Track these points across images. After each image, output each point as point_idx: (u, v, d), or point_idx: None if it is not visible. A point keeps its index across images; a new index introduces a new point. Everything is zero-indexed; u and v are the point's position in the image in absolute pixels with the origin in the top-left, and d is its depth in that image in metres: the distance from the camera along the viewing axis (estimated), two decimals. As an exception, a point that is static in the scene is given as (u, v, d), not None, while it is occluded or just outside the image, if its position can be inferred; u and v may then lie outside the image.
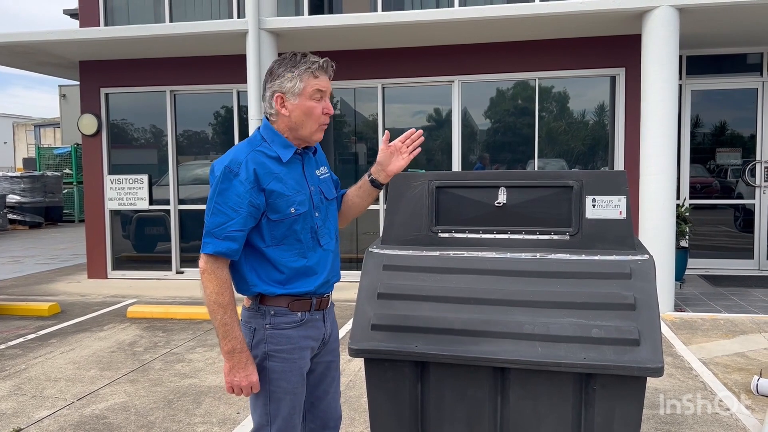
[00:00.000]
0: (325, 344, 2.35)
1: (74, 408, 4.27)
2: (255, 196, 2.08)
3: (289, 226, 2.14)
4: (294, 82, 2.13)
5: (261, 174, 2.09)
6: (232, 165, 2.09)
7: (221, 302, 2.06)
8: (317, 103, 2.15)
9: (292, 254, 2.16)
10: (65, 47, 8.43)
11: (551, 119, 8.46)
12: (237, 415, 4.11)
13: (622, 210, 2.69)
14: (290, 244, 2.16)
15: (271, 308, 2.17)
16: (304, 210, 2.17)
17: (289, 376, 2.19)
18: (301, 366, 2.22)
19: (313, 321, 2.24)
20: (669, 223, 6.70)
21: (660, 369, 2.26)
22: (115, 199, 9.26)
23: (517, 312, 2.46)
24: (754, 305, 6.84)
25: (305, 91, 2.13)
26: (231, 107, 9.02)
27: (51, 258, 11.63)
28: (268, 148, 2.16)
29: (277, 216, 2.12)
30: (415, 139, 2.40)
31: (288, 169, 2.17)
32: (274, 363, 2.17)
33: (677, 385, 4.49)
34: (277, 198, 2.11)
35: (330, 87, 2.19)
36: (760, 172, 8.67)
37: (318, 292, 2.23)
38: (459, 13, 7.20)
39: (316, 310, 2.25)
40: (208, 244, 2.07)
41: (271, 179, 2.11)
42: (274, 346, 2.17)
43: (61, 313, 7.13)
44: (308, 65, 2.13)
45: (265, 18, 7.46)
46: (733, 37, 7.96)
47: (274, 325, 2.17)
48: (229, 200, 2.06)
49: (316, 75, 2.14)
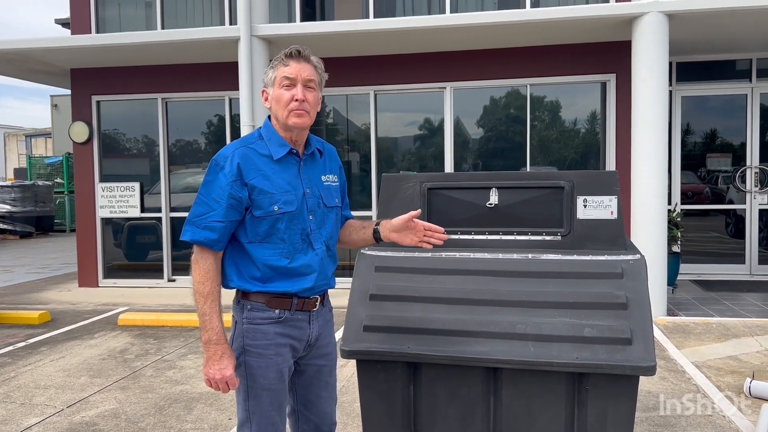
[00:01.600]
0: (311, 346, 2.30)
1: (64, 415, 4.23)
2: (237, 189, 2.10)
3: (272, 224, 2.14)
4: (269, 74, 2.20)
5: (245, 169, 2.12)
6: (219, 158, 2.15)
7: (201, 291, 2.10)
8: (286, 90, 2.15)
9: (275, 253, 2.16)
10: (57, 54, 8.41)
11: (543, 127, 8.49)
12: (229, 420, 4.08)
13: (613, 210, 2.69)
14: (273, 243, 2.16)
15: (248, 303, 2.19)
16: (290, 210, 2.16)
17: (265, 372, 2.17)
18: (279, 363, 2.19)
19: (295, 321, 2.21)
20: (661, 228, 6.72)
21: (652, 368, 2.26)
22: (106, 207, 9.21)
23: (509, 312, 2.46)
24: (746, 309, 6.86)
25: (275, 80, 2.17)
26: (223, 115, 9.01)
27: (41, 267, 11.54)
28: (262, 146, 2.19)
29: (259, 212, 2.13)
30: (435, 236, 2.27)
31: (280, 168, 2.18)
32: (250, 358, 2.17)
33: (670, 388, 4.49)
34: (259, 194, 2.12)
35: (304, 74, 2.15)
36: (750, 177, 8.72)
37: (301, 295, 2.21)
38: (450, 20, 7.23)
39: (299, 310, 2.22)
40: (187, 232, 2.13)
41: (256, 175, 2.13)
42: (249, 340, 2.18)
43: (51, 321, 7.06)
44: (279, 56, 2.18)
45: (256, 25, 7.47)
46: (722, 43, 8.03)
47: (250, 319, 2.18)
48: (212, 192, 2.12)
49: (286, 63, 2.16)
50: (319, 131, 8.91)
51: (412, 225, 2.27)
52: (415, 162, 8.83)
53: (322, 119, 8.97)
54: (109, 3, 9.26)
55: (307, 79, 2.16)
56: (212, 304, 2.10)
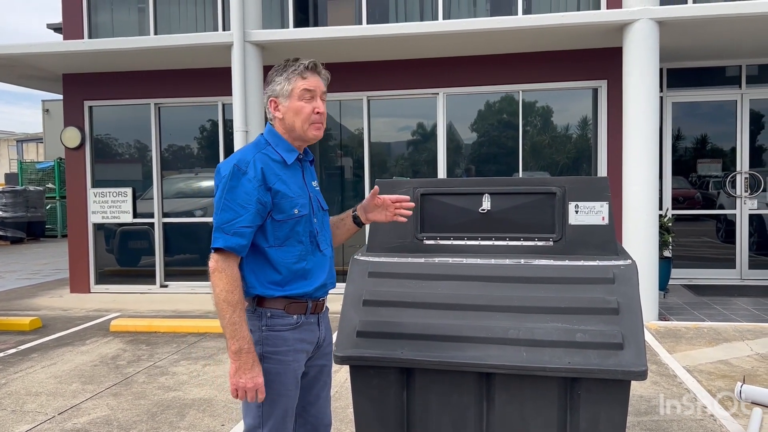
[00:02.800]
0: (319, 348, 2.35)
1: (55, 422, 4.20)
2: (263, 194, 2.14)
3: (292, 227, 2.19)
4: (283, 85, 2.21)
5: (268, 174, 2.16)
6: (241, 164, 2.15)
7: (231, 300, 2.07)
8: (307, 103, 2.20)
9: (293, 256, 2.20)
10: (49, 60, 8.39)
11: (535, 132, 8.53)
12: (221, 427, 4.07)
13: (604, 216, 2.71)
14: (292, 245, 2.20)
15: (267, 310, 2.19)
16: (306, 212, 2.23)
17: (283, 378, 2.19)
18: (296, 369, 2.22)
19: (309, 324, 2.26)
20: (652, 233, 6.76)
21: (644, 372, 2.27)
22: (98, 212, 9.18)
23: (501, 317, 2.47)
24: (737, 314, 6.90)
25: (294, 92, 2.20)
26: (216, 120, 9.00)
27: (33, 273, 11.48)
28: (272, 152, 2.23)
29: (281, 216, 2.17)
30: (404, 206, 2.45)
31: (291, 173, 2.25)
32: (269, 365, 2.17)
33: (662, 392, 4.51)
34: (282, 198, 2.17)
35: (321, 86, 2.24)
36: (740, 183, 8.79)
37: (314, 296, 2.26)
38: (443, 26, 7.27)
39: (312, 313, 2.27)
40: (218, 239, 2.10)
41: (276, 180, 2.18)
42: (269, 347, 2.18)
43: (42, 327, 7.03)
44: (296, 67, 2.20)
45: (250, 30, 7.48)
46: (712, 50, 8.11)
47: (271, 326, 2.19)
48: (238, 197, 2.12)
49: (304, 76, 2.20)
50: (312, 137, 8.90)
51: (380, 202, 2.45)
52: (408, 167, 8.85)
53: (315, 125, 8.97)
54: (102, 8, 9.25)
55: (323, 92, 2.25)
56: (241, 313, 2.08)
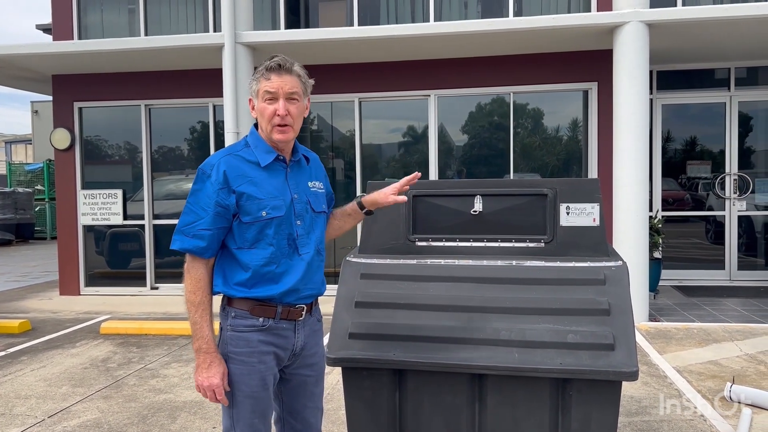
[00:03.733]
0: (296, 356, 2.30)
1: (45, 425, 4.18)
2: (224, 197, 2.13)
3: (260, 229, 2.17)
4: (252, 85, 2.22)
5: (231, 176, 2.14)
6: (206, 167, 2.18)
7: (193, 300, 2.14)
8: (269, 105, 2.17)
9: (261, 258, 2.17)
10: (39, 61, 8.33)
11: (526, 134, 8.56)
12: (213, 429, 4.05)
13: (595, 217, 2.73)
14: (262, 248, 2.17)
15: (232, 310, 2.20)
16: (279, 215, 2.18)
17: (248, 379, 2.18)
18: (262, 370, 2.19)
19: (279, 329, 2.21)
20: (642, 234, 6.80)
21: (635, 373, 2.28)
22: (88, 214, 9.13)
23: (493, 319, 2.48)
24: (726, 314, 6.95)
25: (259, 93, 2.19)
26: (207, 121, 8.97)
27: (21, 275, 11.39)
28: (249, 153, 2.21)
29: (248, 218, 2.16)
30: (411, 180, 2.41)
31: (267, 174, 2.21)
32: (234, 365, 2.19)
33: (653, 392, 4.54)
34: (247, 200, 2.15)
35: (285, 87, 2.16)
36: (729, 184, 8.85)
37: (284, 301, 2.21)
38: (433, 28, 7.28)
39: (283, 319, 2.22)
40: (176, 241, 2.16)
41: (244, 182, 2.16)
42: (233, 348, 2.19)
43: (32, 330, 6.97)
44: (261, 68, 2.19)
45: (241, 32, 7.46)
46: (702, 52, 8.16)
47: (234, 327, 2.20)
48: (200, 200, 2.15)
49: (267, 77, 2.17)
50: (303, 138, 8.91)
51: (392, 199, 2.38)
52: (400, 169, 8.85)
53: (306, 126, 8.97)
54: (92, 9, 9.20)
55: (290, 92, 2.17)
56: (203, 313, 2.13)
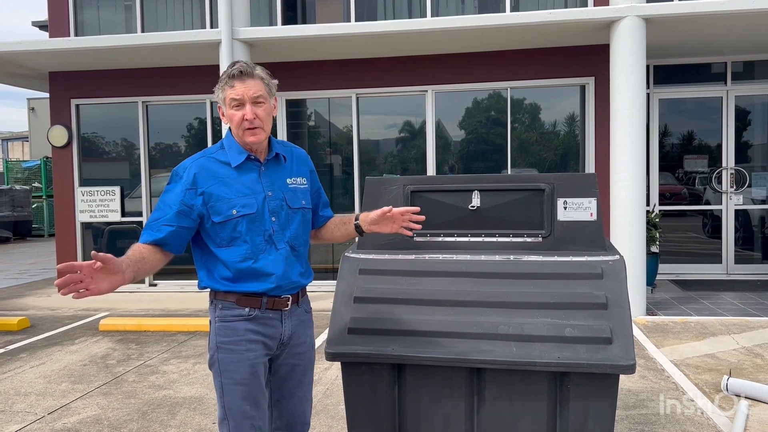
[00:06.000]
0: (284, 345, 2.36)
1: (45, 422, 4.19)
2: (190, 197, 2.23)
3: (233, 227, 2.24)
4: (218, 93, 2.29)
5: (200, 178, 2.24)
6: (179, 169, 2.29)
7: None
8: (236, 111, 2.23)
9: (239, 255, 2.25)
10: (35, 58, 8.31)
11: (523, 129, 8.57)
12: (213, 425, 4.07)
13: (592, 212, 2.74)
14: (238, 245, 2.25)
15: (219, 302, 2.29)
16: (250, 212, 2.25)
17: (237, 367, 2.24)
18: (251, 358, 2.26)
19: (266, 319, 2.29)
20: (639, 229, 6.82)
21: (632, 366, 2.30)
22: (86, 211, 9.12)
23: (491, 313, 2.49)
24: (723, 308, 6.98)
25: (226, 101, 2.26)
26: (204, 118, 8.97)
27: (19, 273, 11.39)
28: (222, 155, 2.30)
29: (219, 218, 2.24)
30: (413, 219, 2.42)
31: (238, 174, 2.29)
32: (223, 354, 2.26)
33: (650, 386, 4.56)
34: (217, 201, 2.24)
35: (250, 92, 2.21)
36: (726, 178, 8.87)
37: (270, 294, 2.29)
38: (430, 24, 7.28)
39: (269, 309, 2.29)
40: (143, 235, 2.24)
41: (213, 182, 2.24)
42: (221, 337, 2.26)
43: (30, 327, 6.98)
44: (224, 76, 2.25)
45: (238, 28, 7.45)
46: (698, 47, 8.17)
47: (222, 317, 2.28)
48: (168, 199, 2.25)
49: (231, 84, 2.23)
50: (300, 134, 8.92)
51: (389, 216, 2.40)
52: (398, 164, 8.86)
53: (303, 122, 8.98)
54: (88, 6, 9.18)
55: (255, 96, 2.23)
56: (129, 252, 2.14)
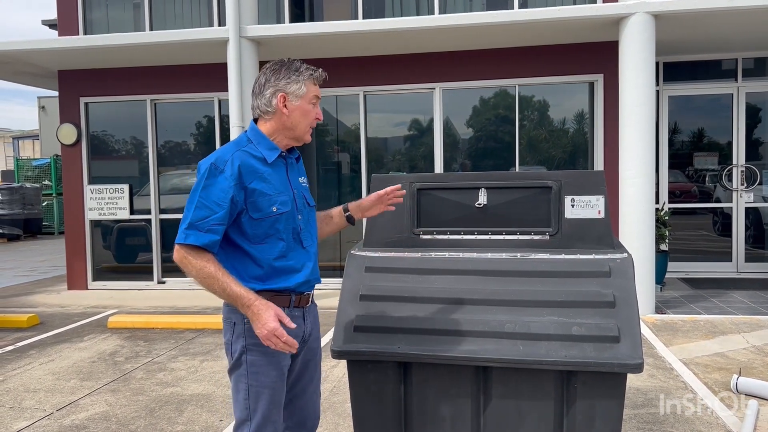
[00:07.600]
0: (305, 342, 2.37)
1: (53, 419, 4.21)
2: (237, 193, 2.15)
3: (271, 224, 2.21)
4: (299, 85, 2.26)
5: (245, 172, 2.18)
6: (218, 162, 2.17)
7: (209, 273, 2.08)
8: (313, 108, 2.30)
9: (274, 253, 2.22)
10: (44, 56, 8.36)
11: (532, 127, 8.53)
12: (220, 422, 4.08)
13: (600, 209, 2.72)
14: (272, 243, 2.22)
15: None
16: (286, 210, 2.24)
17: (267, 369, 2.21)
18: (280, 360, 2.24)
19: (293, 318, 2.24)
20: (648, 227, 6.77)
21: (639, 365, 2.28)
22: (95, 209, 9.17)
23: (498, 311, 2.48)
24: (733, 306, 6.93)
25: (307, 95, 2.27)
26: (212, 116, 8.99)
27: (30, 270, 11.47)
28: (254, 149, 2.25)
29: (258, 214, 2.19)
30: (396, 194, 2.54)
31: (273, 170, 2.26)
32: (253, 356, 2.20)
33: (659, 385, 4.53)
34: (259, 196, 2.18)
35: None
36: (736, 176, 8.80)
37: (297, 290, 2.28)
38: (438, 21, 7.25)
39: (296, 307, 2.29)
40: (190, 236, 2.11)
41: (254, 178, 2.19)
42: (251, 339, 2.19)
43: (40, 324, 7.03)
44: (312, 72, 2.29)
45: (245, 26, 7.46)
46: (708, 43, 8.11)
47: None
48: (213, 195, 2.14)
49: (316, 83, 2.30)
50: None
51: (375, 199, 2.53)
52: (405, 162, 8.85)
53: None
54: (97, 5, 9.21)
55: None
56: (225, 277, 2.08)
